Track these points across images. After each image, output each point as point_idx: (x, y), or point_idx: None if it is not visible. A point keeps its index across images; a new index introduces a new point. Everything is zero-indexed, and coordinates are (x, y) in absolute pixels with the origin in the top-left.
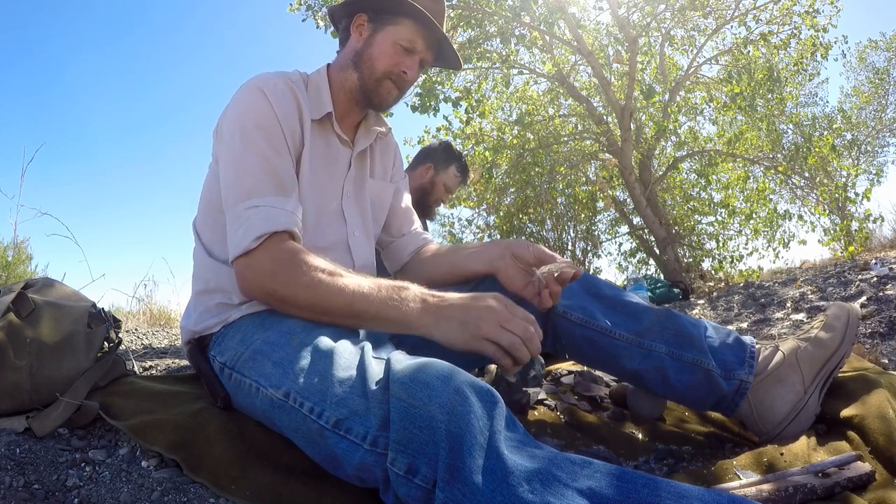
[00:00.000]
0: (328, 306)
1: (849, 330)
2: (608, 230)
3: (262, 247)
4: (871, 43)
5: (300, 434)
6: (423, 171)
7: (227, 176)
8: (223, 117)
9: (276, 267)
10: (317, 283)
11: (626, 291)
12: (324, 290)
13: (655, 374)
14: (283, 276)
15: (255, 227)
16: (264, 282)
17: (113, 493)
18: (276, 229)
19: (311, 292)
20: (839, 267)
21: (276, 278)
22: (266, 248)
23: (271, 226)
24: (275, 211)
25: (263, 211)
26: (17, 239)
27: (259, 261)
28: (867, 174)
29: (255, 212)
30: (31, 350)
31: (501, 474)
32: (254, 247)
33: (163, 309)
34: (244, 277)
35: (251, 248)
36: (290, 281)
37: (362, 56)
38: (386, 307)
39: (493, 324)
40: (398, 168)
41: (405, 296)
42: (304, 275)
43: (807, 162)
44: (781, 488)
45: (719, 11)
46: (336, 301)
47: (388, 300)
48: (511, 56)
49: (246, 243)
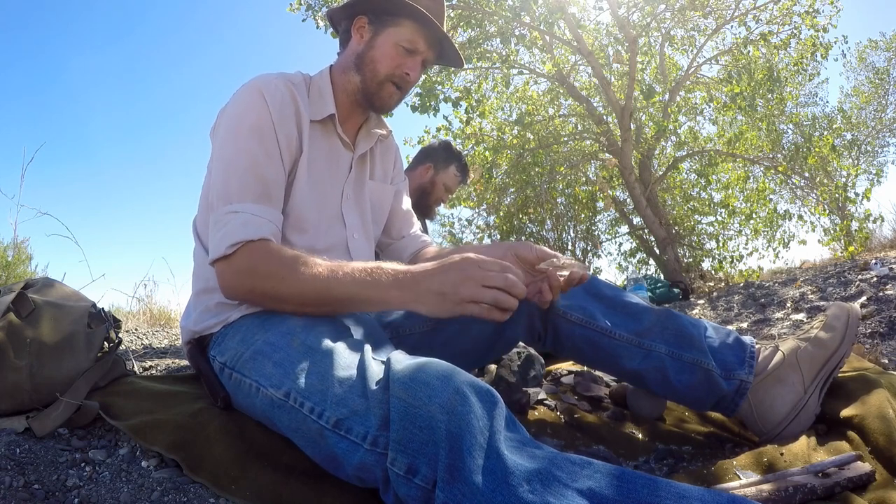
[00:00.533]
0: (307, 296)
1: (849, 330)
2: (608, 230)
3: (238, 252)
4: (871, 43)
5: (300, 434)
6: (422, 171)
7: (216, 175)
8: (220, 116)
9: (253, 264)
10: (293, 275)
11: (626, 292)
12: (300, 279)
13: (655, 374)
14: (260, 273)
15: (232, 233)
16: (243, 280)
17: (113, 493)
18: (252, 237)
19: (288, 283)
20: (839, 267)
21: (254, 275)
22: (242, 254)
23: (248, 233)
24: (253, 219)
25: (242, 217)
26: (17, 239)
27: (236, 263)
28: (867, 174)
29: (234, 217)
30: (31, 350)
31: (501, 474)
32: (230, 252)
33: (163, 309)
34: (223, 278)
35: (227, 253)
36: (267, 275)
37: (364, 59)
38: (363, 288)
39: (471, 286)
40: (398, 170)
41: (378, 275)
42: (280, 267)
43: (807, 162)
44: (781, 488)
45: (719, 11)
46: (313, 289)
47: (363, 281)
48: (511, 56)
49: (222, 248)
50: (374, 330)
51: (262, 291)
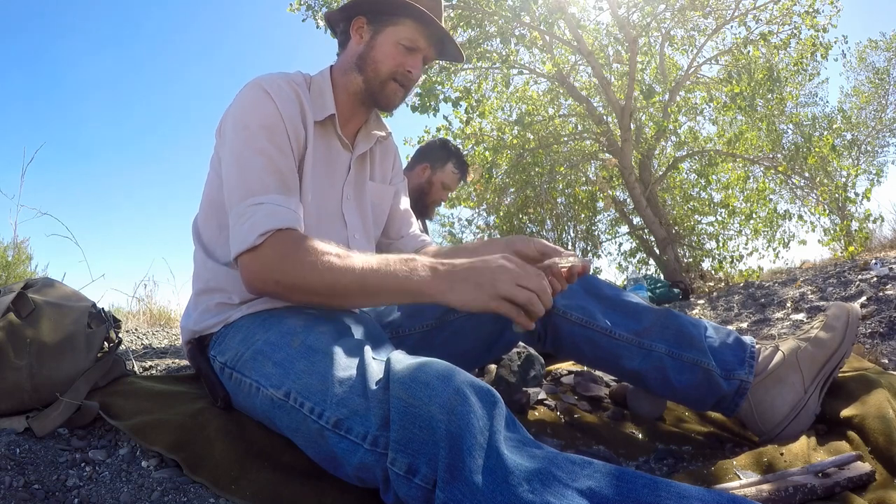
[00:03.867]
0: (339, 286)
1: (849, 330)
2: (608, 230)
3: (267, 242)
4: (871, 43)
5: (300, 434)
6: (420, 171)
7: (231, 174)
8: (226, 117)
9: (283, 254)
10: (325, 264)
11: (626, 291)
12: (333, 270)
13: (655, 374)
14: (290, 262)
15: (260, 223)
16: (272, 271)
17: (113, 493)
18: (281, 226)
19: (320, 274)
20: (839, 267)
21: (284, 266)
22: (270, 244)
23: (276, 223)
24: (279, 209)
25: (267, 208)
26: (17, 239)
27: (265, 253)
28: (867, 174)
29: (259, 209)
30: (31, 350)
31: (501, 474)
32: (259, 243)
33: (163, 309)
34: (250, 270)
35: (256, 244)
36: (299, 265)
37: (366, 59)
38: (397, 279)
39: (508, 282)
40: (397, 170)
41: (414, 266)
42: (312, 257)
43: (807, 162)
44: (781, 488)
45: (719, 11)
46: (346, 279)
47: (399, 272)
48: (511, 56)
49: (251, 239)
50: (374, 330)
51: (292, 282)
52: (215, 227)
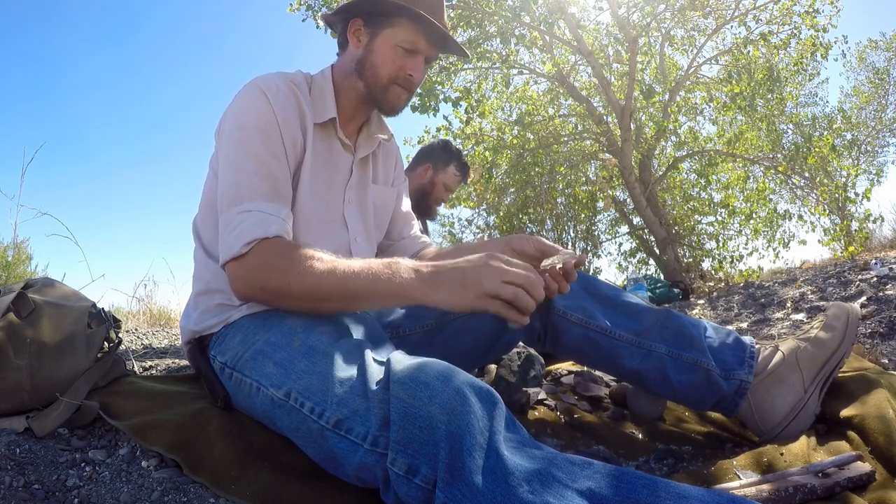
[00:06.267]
0: (321, 291)
1: (849, 330)
2: (608, 230)
3: (253, 251)
4: (871, 43)
5: (300, 434)
6: (422, 172)
7: (224, 177)
8: (224, 117)
9: (268, 262)
10: (307, 270)
11: (625, 291)
12: (315, 274)
13: (655, 374)
14: (274, 269)
15: (246, 232)
16: (257, 277)
17: (113, 493)
18: (267, 235)
19: (303, 279)
20: (839, 267)
21: (269, 273)
22: (256, 252)
23: (262, 231)
24: (266, 216)
25: (255, 216)
26: (17, 239)
27: (250, 262)
28: (867, 174)
29: (247, 217)
30: (31, 350)
31: (501, 474)
32: (244, 252)
33: (163, 309)
34: (237, 277)
35: (242, 252)
36: (283, 272)
37: (365, 64)
38: (379, 282)
39: (493, 280)
40: (399, 172)
41: (397, 269)
42: (295, 264)
43: (807, 162)
44: (781, 488)
45: (719, 11)
46: (328, 284)
47: (381, 275)
48: (511, 56)
49: (237, 247)
50: (374, 330)
51: (276, 288)
52: (215, 228)
